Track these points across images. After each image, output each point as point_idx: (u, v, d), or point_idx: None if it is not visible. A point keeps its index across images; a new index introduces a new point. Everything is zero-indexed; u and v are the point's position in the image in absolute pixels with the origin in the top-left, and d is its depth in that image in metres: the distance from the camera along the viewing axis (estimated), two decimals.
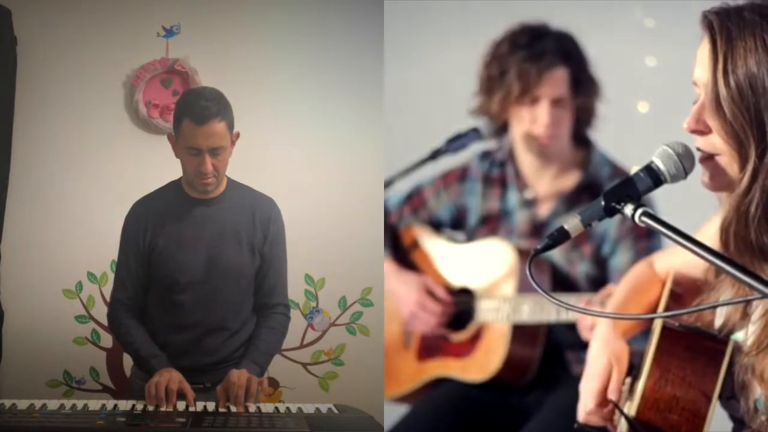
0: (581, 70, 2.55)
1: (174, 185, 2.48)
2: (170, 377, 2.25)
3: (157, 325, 2.45)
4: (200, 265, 2.40)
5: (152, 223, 2.43)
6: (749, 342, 1.45)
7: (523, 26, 2.57)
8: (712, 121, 1.37)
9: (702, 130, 1.39)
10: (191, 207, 2.44)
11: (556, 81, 2.52)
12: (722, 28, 1.36)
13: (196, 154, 2.31)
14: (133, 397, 2.34)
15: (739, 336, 1.50)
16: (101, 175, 3.38)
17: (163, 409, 2.17)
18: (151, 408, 2.17)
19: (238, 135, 2.39)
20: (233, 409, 2.21)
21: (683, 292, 1.73)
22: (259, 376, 2.35)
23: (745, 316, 1.49)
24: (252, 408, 2.22)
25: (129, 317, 2.44)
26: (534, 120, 2.53)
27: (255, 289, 2.50)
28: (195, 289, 2.41)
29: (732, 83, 1.33)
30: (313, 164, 3.50)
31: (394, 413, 2.65)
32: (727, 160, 1.38)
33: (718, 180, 1.41)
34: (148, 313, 2.47)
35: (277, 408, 2.25)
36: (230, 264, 2.43)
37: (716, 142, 1.38)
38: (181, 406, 2.20)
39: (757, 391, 1.44)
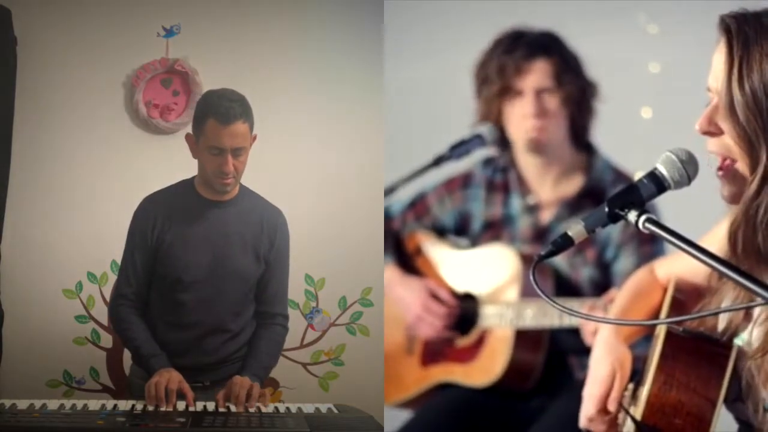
0: (565, 62, 2.55)
1: (186, 184, 2.48)
2: (170, 377, 2.25)
3: (158, 323, 2.45)
4: (205, 265, 2.41)
5: (161, 220, 2.42)
6: (755, 345, 1.46)
7: (506, 31, 2.59)
8: (725, 124, 1.38)
9: (714, 132, 1.40)
10: (202, 207, 2.44)
11: (537, 71, 2.53)
12: (739, 33, 1.36)
13: (218, 154, 2.31)
14: (132, 396, 2.35)
15: (743, 338, 1.51)
16: (101, 174, 3.37)
17: (163, 409, 2.17)
18: (150, 408, 2.17)
19: (255, 138, 2.40)
20: (233, 409, 2.21)
21: (685, 298, 1.73)
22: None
23: (748, 317, 1.50)
24: (252, 408, 2.22)
25: (131, 313, 2.44)
26: (524, 116, 2.54)
27: (256, 295, 2.51)
28: (198, 289, 2.41)
29: (747, 88, 1.34)
30: (313, 164, 3.50)
31: (396, 418, 2.64)
32: (741, 166, 1.38)
33: (738, 192, 1.41)
34: (149, 309, 2.47)
35: (277, 408, 2.25)
36: (235, 266, 2.43)
37: (729, 143, 1.39)
38: (181, 406, 2.20)
39: (764, 393, 1.44)
